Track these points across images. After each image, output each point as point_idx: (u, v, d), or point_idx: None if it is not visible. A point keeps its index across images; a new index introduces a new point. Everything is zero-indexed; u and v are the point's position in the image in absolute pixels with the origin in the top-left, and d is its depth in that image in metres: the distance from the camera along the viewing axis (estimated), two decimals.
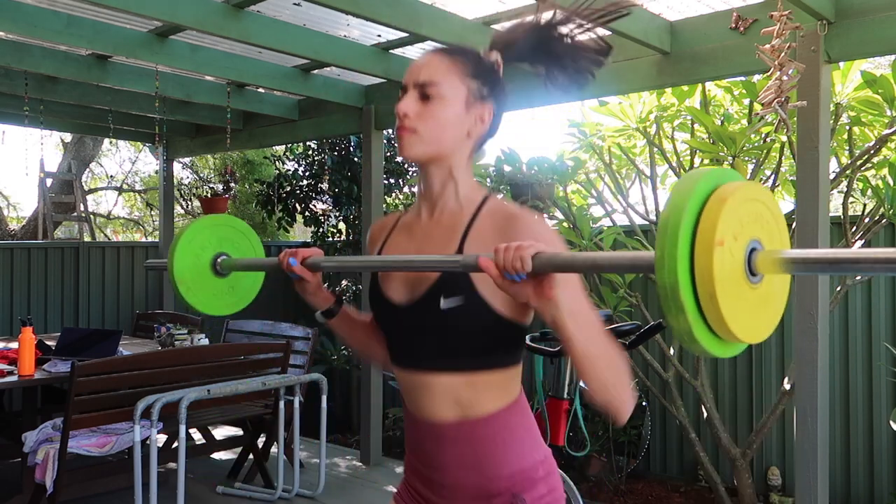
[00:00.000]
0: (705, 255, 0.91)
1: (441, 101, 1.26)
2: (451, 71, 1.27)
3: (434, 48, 1.33)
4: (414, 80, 1.27)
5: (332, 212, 6.76)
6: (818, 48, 2.99)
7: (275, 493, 4.01)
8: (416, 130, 1.26)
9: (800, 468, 3.09)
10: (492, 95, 1.31)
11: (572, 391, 3.36)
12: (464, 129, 1.29)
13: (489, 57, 1.34)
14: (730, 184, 0.97)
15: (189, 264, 1.58)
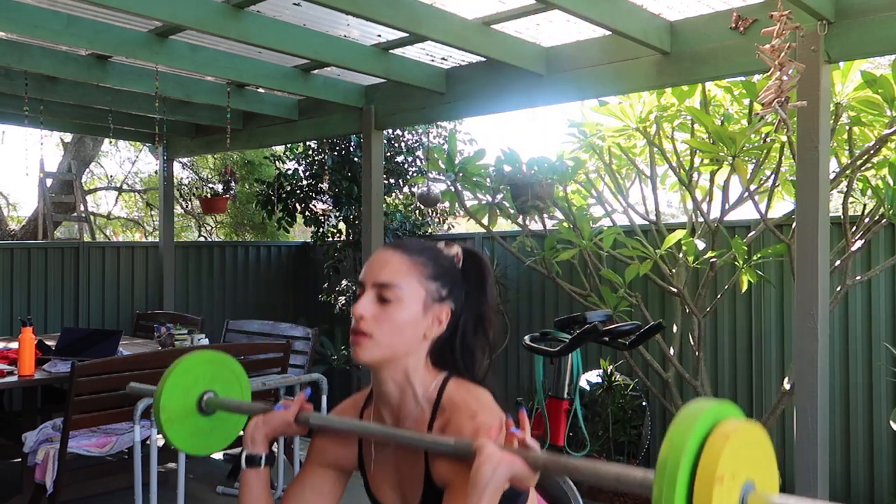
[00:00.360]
0: (705, 491, 0.92)
1: (399, 303, 1.25)
2: (410, 272, 1.27)
3: (394, 243, 1.33)
4: (373, 279, 1.27)
5: (332, 212, 6.76)
6: (818, 48, 2.99)
7: (275, 494, 4.01)
8: (372, 335, 1.25)
9: (800, 468, 3.09)
10: (450, 296, 1.31)
11: (572, 391, 3.36)
12: (420, 331, 1.28)
13: (449, 251, 1.35)
14: (731, 421, 0.99)
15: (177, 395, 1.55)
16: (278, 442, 3.95)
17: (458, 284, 1.33)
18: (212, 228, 11.09)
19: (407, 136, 6.66)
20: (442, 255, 1.33)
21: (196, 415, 1.59)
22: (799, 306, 3.10)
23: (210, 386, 1.59)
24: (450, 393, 1.29)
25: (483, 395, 1.29)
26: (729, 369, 4.79)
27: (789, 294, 4.51)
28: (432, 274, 1.29)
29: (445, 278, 1.31)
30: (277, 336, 4.84)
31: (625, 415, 4.84)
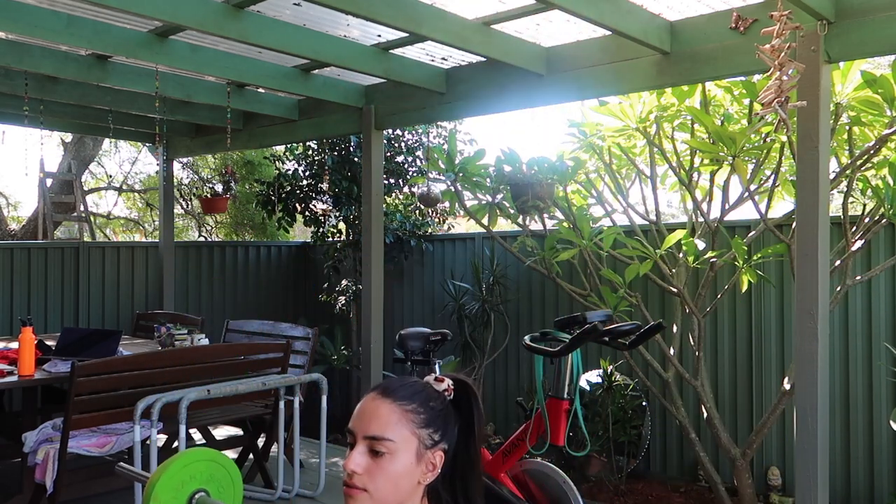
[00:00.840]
0: None
1: (391, 456, 1.24)
2: (400, 422, 1.25)
3: (383, 388, 1.29)
4: (363, 431, 1.25)
5: (332, 212, 6.76)
6: (818, 48, 2.99)
7: (275, 493, 4.01)
8: (367, 489, 1.23)
9: (800, 468, 3.09)
10: (443, 439, 1.29)
11: (572, 391, 3.36)
12: (414, 480, 1.26)
13: (439, 387, 1.32)
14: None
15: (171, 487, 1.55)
16: (278, 442, 3.95)
17: (451, 422, 1.31)
18: (212, 228, 11.09)
19: (407, 136, 6.66)
20: (433, 397, 1.30)
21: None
22: (799, 306, 3.10)
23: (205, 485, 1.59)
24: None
25: None
26: (729, 369, 4.79)
27: (789, 294, 4.51)
28: (424, 420, 1.27)
29: (437, 422, 1.28)
30: (277, 336, 4.84)
31: (625, 415, 4.84)
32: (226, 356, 4.09)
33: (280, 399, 3.91)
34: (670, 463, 5.01)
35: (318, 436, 4.10)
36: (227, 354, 4.13)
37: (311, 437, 4.99)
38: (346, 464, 1.24)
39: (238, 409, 4.21)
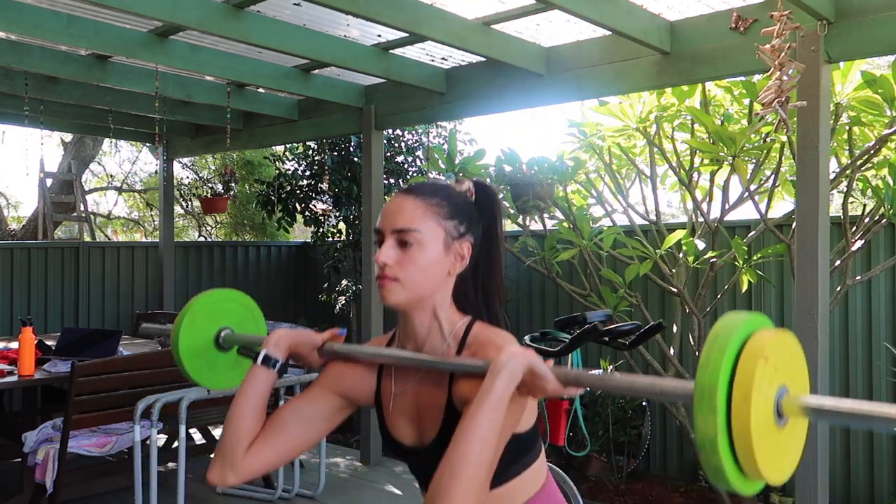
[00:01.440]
0: (748, 367, 0.96)
1: (420, 246, 1.26)
2: (426, 215, 1.28)
3: (406, 188, 1.33)
4: (391, 226, 1.28)
5: (332, 212, 6.76)
6: (818, 48, 2.99)
7: (275, 493, 4.01)
8: (398, 278, 1.27)
9: (800, 468, 3.09)
10: (469, 231, 1.32)
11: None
12: (444, 269, 1.30)
13: (461, 187, 1.36)
14: (767, 330, 1.02)
15: (195, 331, 1.57)
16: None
17: (474, 219, 1.34)
18: (212, 228, 11.09)
19: (407, 136, 6.66)
20: (455, 193, 1.34)
21: (214, 351, 1.60)
22: (799, 306, 3.10)
23: (227, 323, 1.60)
24: (475, 332, 1.31)
25: (508, 337, 1.30)
26: None
27: (789, 294, 4.51)
28: (448, 213, 1.30)
29: (462, 215, 1.32)
30: None
31: (625, 415, 4.85)
32: None
33: (280, 399, 3.91)
34: (670, 463, 5.01)
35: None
36: None
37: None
38: (377, 257, 1.27)
39: None
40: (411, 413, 1.34)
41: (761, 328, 1.03)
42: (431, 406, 1.30)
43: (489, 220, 1.37)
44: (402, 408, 1.35)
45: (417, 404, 1.33)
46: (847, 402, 0.99)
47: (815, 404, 1.01)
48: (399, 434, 1.36)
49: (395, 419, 1.36)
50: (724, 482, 0.98)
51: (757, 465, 0.97)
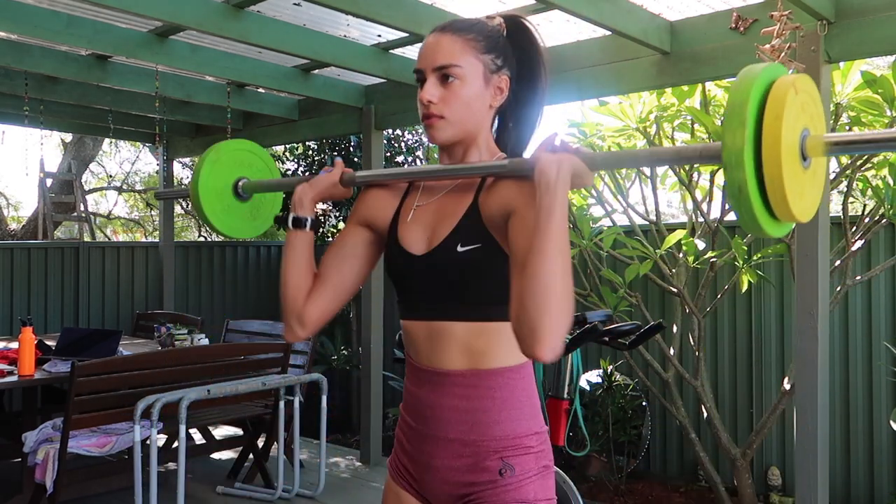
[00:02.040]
0: (779, 96, 1.02)
1: (461, 81, 1.29)
2: (465, 50, 1.30)
3: (441, 26, 1.34)
4: (431, 64, 1.30)
5: (332, 212, 6.76)
6: (818, 48, 2.98)
7: (275, 493, 4.01)
8: (444, 115, 1.30)
9: (800, 468, 3.09)
10: (505, 64, 1.35)
11: (572, 391, 3.36)
12: (486, 103, 1.33)
13: (492, 23, 1.38)
14: (787, 76, 1.08)
15: (213, 180, 1.58)
16: (278, 442, 3.95)
17: (509, 53, 1.37)
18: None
19: (407, 136, 6.66)
20: (488, 28, 1.36)
21: (231, 196, 1.62)
22: (799, 306, 3.10)
23: (247, 174, 1.61)
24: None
25: None
26: (729, 369, 4.79)
27: (789, 294, 4.51)
28: (484, 47, 1.32)
29: (497, 49, 1.34)
30: (277, 336, 4.84)
31: (625, 415, 4.84)
32: (226, 356, 4.09)
33: (280, 399, 3.91)
34: (670, 463, 5.01)
35: (318, 436, 4.10)
36: (227, 354, 4.13)
37: (311, 437, 4.99)
38: (421, 96, 1.30)
39: (238, 409, 4.21)
40: (429, 221, 1.36)
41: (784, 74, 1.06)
42: (452, 212, 1.33)
43: (522, 54, 1.39)
44: (421, 217, 1.37)
45: (438, 213, 1.36)
46: (862, 134, 1.06)
47: (837, 139, 1.07)
48: (407, 241, 1.36)
49: (408, 228, 1.37)
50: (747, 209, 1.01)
51: (786, 196, 0.99)
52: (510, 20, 1.40)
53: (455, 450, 1.32)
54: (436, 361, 1.33)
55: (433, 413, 1.34)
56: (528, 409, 1.34)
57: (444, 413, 1.33)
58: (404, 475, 1.42)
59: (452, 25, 1.33)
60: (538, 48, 1.41)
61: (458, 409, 1.32)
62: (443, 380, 1.32)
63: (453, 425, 1.32)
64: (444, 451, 1.33)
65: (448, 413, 1.33)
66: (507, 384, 1.31)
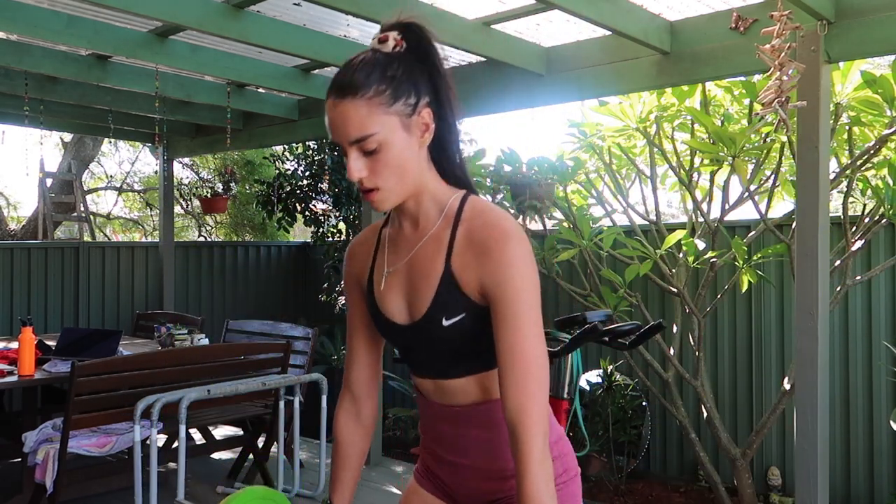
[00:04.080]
0: None
1: (382, 146, 1.18)
2: (372, 113, 1.17)
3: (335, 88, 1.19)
4: (344, 139, 1.19)
5: (332, 212, 6.76)
6: (818, 48, 2.99)
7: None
8: (379, 188, 1.21)
9: (800, 468, 3.09)
10: (420, 95, 1.21)
11: (572, 391, 3.36)
12: (416, 151, 1.22)
13: (387, 47, 1.21)
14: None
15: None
16: (278, 442, 3.95)
17: (418, 75, 1.21)
18: (212, 228, 11.09)
19: None
20: (385, 64, 1.19)
21: None
22: (799, 306, 3.10)
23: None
24: (471, 204, 1.27)
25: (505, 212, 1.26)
26: (729, 369, 4.79)
27: (789, 294, 4.51)
28: (391, 95, 1.17)
29: (405, 85, 1.19)
30: (277, 336, 4.84)
31: (625, 415, 4.85)
32: (226, 356, 4.09)
33: (280, 399, 3.91)
34: (670, 463, 5.01)
35: (318, 436, 4.10)
36: (227, 354, 4.13)
37: (311, 437, 4.99)
38: (348, 175, 1.21)
39: (238, 409, 4.20)
40: (404, 287, 1.31)
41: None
42: (426, 278, 1.27)
43: (429, 67, 1.24)
44: (394, 283, 1.32)
45: (410, 277, 1.30)
46: None
47: None
48: (388, 310, 1.33)
49: (385, 296, 1.33)
50: None
51: None
52: (405, 32, 1.23)
53: (481, 475, 1.36)
54: (449, 401, 1.35)
55: (455, 443, 1.36)
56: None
57: (466, 443, 1.35)
58: (432, 479, 1.46)
59: (348, 85, 1.17)
60: (438, 54, 1.26)
61: (480, 439, 1.33)
62: (459, 413, 1.33)
63: (476, 455, 1.35)
64: (470, 475, 1.37)
65: (469, 442, 1.34)
66: None
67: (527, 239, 1.21)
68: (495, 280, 1.18)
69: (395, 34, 1.22)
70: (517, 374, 1.16)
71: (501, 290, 1.17)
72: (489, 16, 3.48)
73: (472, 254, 1.22)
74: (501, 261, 1.18)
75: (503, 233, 1.19)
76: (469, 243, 1.23)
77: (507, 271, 1.17)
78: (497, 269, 1.18)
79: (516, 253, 1.18)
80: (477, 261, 1.21)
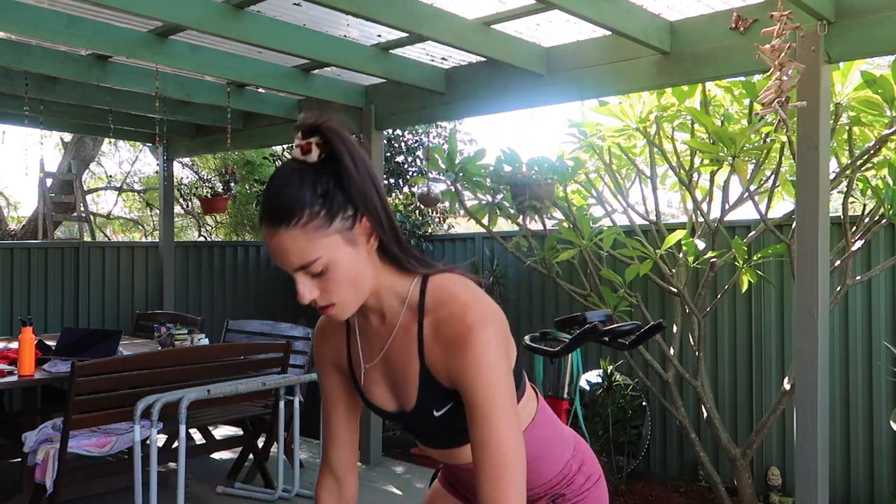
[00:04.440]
0: None
1: (329, 266, 1.15)
2: (310, 240, 1.12)
3: (268, 219, 1.13)
4: (290, 267, 1.16)
5: None
6: (818, 48, 2.99)
7: (275, 493, 4.01)
8: (334, 303, 1.21)
9: (800, 468, 3.09)
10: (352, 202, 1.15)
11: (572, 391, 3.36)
12: (364, 257, 1.19)
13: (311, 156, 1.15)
14: None
15: None
16: (278, 442, 3.95)
17: (346, 178, 1.15)
18: (212, 228, 11.09)
19: (407, 136, 6.66)
20: (315, 180, 1.13)
21: None
22: (799, 306, 3.10)
23: None
24: (433, 290, 1.24)
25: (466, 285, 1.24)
26: (729, 369, 4.79)
27: (789, 294, 4.51)
28: (326, 216, 1.13)
29: (338, 198, 1.14)
30: (277, 336, 4.84)
31: (625, 415, 4.85)
32: (226, 356, 4.09)
33: (280, 399, 3.91)
34: (670, 463, 5.01)
35: (318, 436, 4.09)
36: (227, 354, 4.13)
37: (311, 437, 4.99)
38: (300, 298, 1.19)
39: (238, 409, 4.21)
40: (385, 382, 1.31)
41: None
42: (405, 374, 1.27)
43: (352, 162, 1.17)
44: (375, 377, 1.33)
45: (389, 373, 1.30)
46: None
47: None
48: (378, 401, 1.34)
49: (369, 387, 1.34)
50: None
51: None
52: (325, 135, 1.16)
53: None
54: (458, 461, 1.37)
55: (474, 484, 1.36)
56: (558, 445, 1.41)
57: None
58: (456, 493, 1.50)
59: (279, 214, 1.12)
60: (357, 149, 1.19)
61: None
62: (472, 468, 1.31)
63: None
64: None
65: None
66: (533, 443, 1.35)
67: (493, 316, 1.18)
68: (464, 378, 1.17)
69: (313, 139, 1.15)
70: (492, 471, 1.15)
71: (472, 389, 1.16)
72: (489, 16, 3.48)
73: (440, 350, 1.20)
74: (468, 358, 1.15)
75: (467, 329, 1.16)
76: (437, 338, 1.21)
77: (476, 369, 1.15)
78: (465, 368, 1.16)
79: (483, 347, 1.16)
80: (446, 357, 1.20)
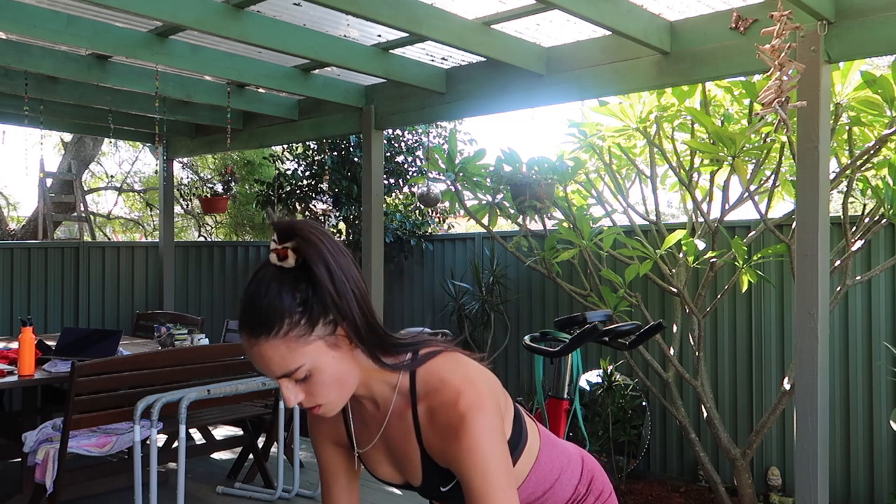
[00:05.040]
0: None
1: (314, 371, 1.15)
2: (292, 349, 1.12)
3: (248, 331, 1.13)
4: (273, 375, 1.16)
5: (332, 212, 6.75)
6: (818, 48, 2.99)
7: (275, 493, 4.01)
8: (321, 405, 1.20)
9: (800, 468, 3.09)
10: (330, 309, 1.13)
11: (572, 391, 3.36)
12: (347, 358, 1.18)
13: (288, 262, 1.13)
14: None
15: None
16: (278, 441, 3.95)
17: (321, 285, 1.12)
18: (212, 228, 11.09)
19: (407, 136, 6.66)
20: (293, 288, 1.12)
21: None
22: (799, 306, 3.10)
23: None
24: (423, 375, 1.24)
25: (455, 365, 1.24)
26: (729, 369, 4.79)
27: (789, 294, 4.51)
28: (307, 324, 1.12)
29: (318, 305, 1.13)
30: None
31: (625, 415, 4.85)
32: (226, 356, 4.09)
33: (280, 399, 3.90)
34: (670, 463, 5.01)
35: None
36: (227, 354, 4.13)
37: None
38: (286, 404, 1.20)
39: (238, 408, 4.21)
40: (388, 460, 1.35)
41: None
42: (406, 455, 1.29)
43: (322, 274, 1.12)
44: (377, 458, 1.36)
45: (392, 453, 1.33)
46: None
47: None
48: (384, 476, 1.38)
49: (374, 466, 1.38)
50: None
51: None
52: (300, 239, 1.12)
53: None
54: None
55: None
56: (566, 472, 1.45)
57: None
58: None
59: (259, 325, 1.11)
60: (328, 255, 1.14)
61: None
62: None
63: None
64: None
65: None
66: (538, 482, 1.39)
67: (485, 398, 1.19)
68: (461, 465, 1.18)
69: (289, 245, 1.12)
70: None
71: (469, 476, 1.17)
72: (489, 16, 3.48)
73: (436, 437, 1.22)
74: (464, 448, 1.17)
75: (461, 418, 1.17)
76: (432, 425, 1.23)
77: (471, 459, 1.16)
78: (460, 457, 1.17)
79: (477, 435, 1.17)
80: (442, 445, 1.22)
